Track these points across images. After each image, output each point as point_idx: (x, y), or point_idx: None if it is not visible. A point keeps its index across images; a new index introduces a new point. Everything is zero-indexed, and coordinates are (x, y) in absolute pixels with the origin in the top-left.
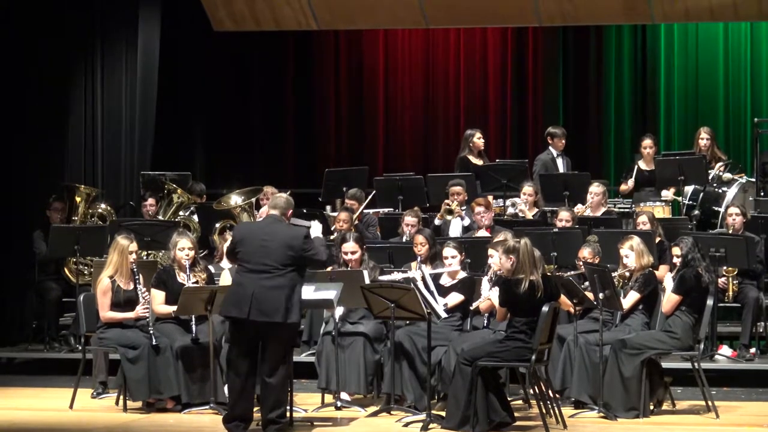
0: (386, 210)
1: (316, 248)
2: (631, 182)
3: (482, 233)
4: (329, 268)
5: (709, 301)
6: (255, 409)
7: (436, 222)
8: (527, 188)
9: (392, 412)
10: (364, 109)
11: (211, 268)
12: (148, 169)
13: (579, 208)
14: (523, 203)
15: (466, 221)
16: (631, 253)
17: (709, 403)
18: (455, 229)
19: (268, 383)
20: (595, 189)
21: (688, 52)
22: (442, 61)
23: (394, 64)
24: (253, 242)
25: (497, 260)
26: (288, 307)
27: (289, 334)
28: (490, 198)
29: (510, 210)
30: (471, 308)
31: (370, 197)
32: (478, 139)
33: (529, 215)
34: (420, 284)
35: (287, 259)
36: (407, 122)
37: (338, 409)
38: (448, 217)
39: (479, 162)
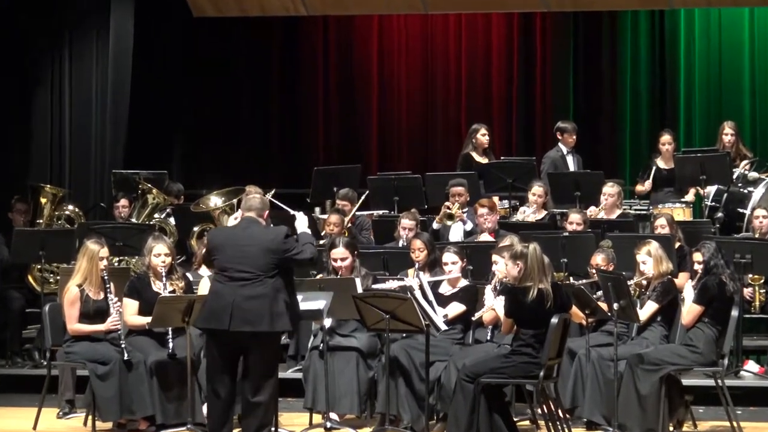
0: (381, 212)
1: (298, 246)
2: (648, 183)
3: (485, 237)
4: (318, 276)
5: (734, 312)
6: (236, 431)
7: (435, 226)
8: (535, 188)
9: None
10: (357, 102)
11: (189, 275)
12: (120, 168)
13: (592, 211)
14: (532, 205)
15: (469, 225)
16: (649, 260)
17: (734, 423)
18: (456, 233)
19: (252, 403)
20: (609, 189)
21: (710, 40)
22: (441, 50)
23: (389, 54)
24: (231, 248)
25: (502, 267)
26: (274, 314)
27: (275, 345)
28: (495, 199)
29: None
30: (473, 320)
31: (363, 198)
32: (482, 136)
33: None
34: (417, 293)
35: (269, 264)
36: (403, 116)
37: (328, 430)
38: (449, 222)
39: (484, 160)
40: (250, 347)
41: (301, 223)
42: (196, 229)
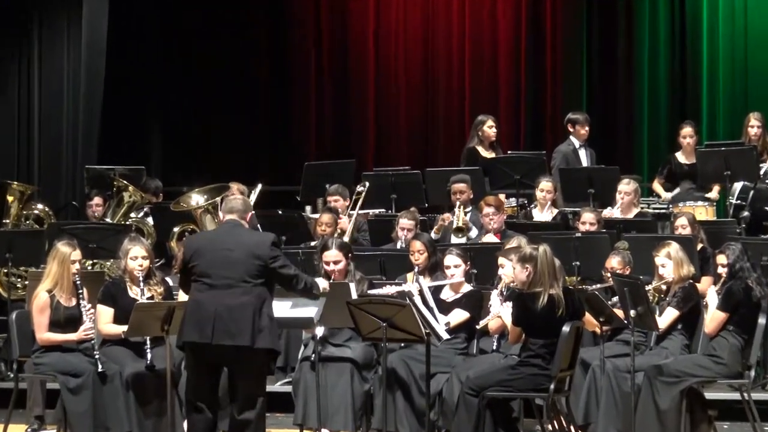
0: (377, 211)
1: (285, 260)
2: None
3: (490, 238)
4: None
5: (761, 320)
6: None
7: (433, 236)
8: (543, 184)
9: None
10: (351, 91)
11: (168, 280)
12: (93, 163)
13: (607, 212)
14: (540, 203)
15: (474, 232)
16: (669, 263)
17: None
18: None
19: (239, 420)
20: (625, 187)
21: (735, 23)
22: (443, 33)
23: (386, 37)
24: (212, 253)
25: (510, 270)
26: (256, 329)
27: (260, 360)
28: (502, 197)
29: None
30: (478, 328)
31: (363, 194)
32: (489, 128)
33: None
34: (417, 299)
35: (254, 271)
36: (402, 107)
37: None
38: (459, 235)
39: (490, 154)
40: (234, 363)
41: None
42: (176, 229)
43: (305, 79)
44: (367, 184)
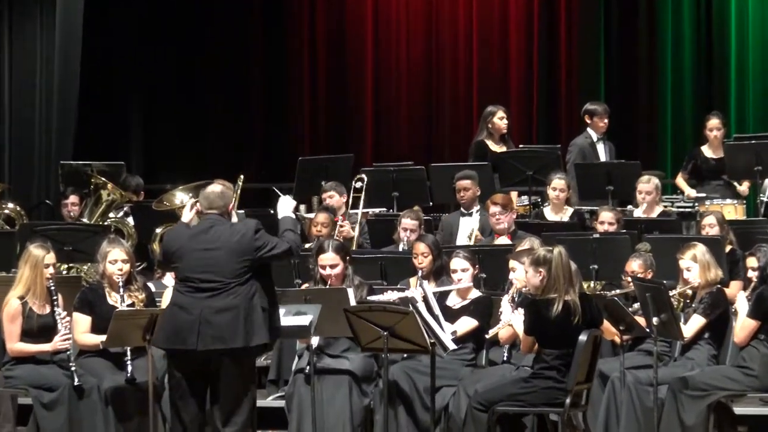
0: (377, 210)
1: (272, 240)
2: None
3: (504, 240)
4: (304, 286)
5: None
6: None
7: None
8: (555, 182)
9: None
10: (349, 81)
11: (151, 285)
12: (69, 158)
13: (629, 211)
14: (552, 203)
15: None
16: (695, 266)
17: None
18: (467, 231)
19: None
20: (645, 186)
21: (765, 5)
22: (448, 16)
23: (386, 20)
24: (193, 253)
25: (522, 275)
26: (249, 328)
27: (250, 365)
28: (514, 195)
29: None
30: (487, 337)
31: (363, 190)
32: (500, 120)
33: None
34: (421, 306)
35: (240, 268)
36: (404, 96)
37: None
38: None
39: (501, 148)
40: (220, 369)
41: (284, 206)
42: (158, 230)
43: (298, 67)
44: (365, 178)
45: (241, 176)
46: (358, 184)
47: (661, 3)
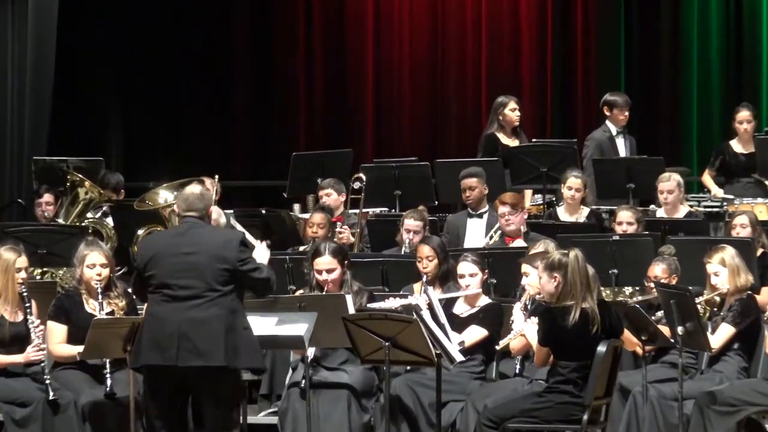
0: (378, 210)
1: (254, 261)
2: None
3: (519, 243)
4: (298, 292)
5: None
6: None
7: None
8: (571, 180)
9: None
10: (348, 70)
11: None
12: (43, 154)
13: (650, 212)
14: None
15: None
16: (723, 270)
17: None
18: (475, 233)
19: None
20: (666, 184)
21: None
22: (455, 7)
23: (388, 12)
24: (170, 258)
25: (535, 280)
26: (230, 347)
27: (235, 382)
28: (528, 193)
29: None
30: (497, 348)
31: (363, 192)
32: (511, 111)
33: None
34: (426, 314)
35: (222, 276)
36: (406, 85)
37: None
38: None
39: (513, 142)
40: (201, 387)
41: (259, 252)
42: (140, 232)
43: (293, 55)
44: (364, 177)
45: (216, 176)
46: (357, 185)
47: None
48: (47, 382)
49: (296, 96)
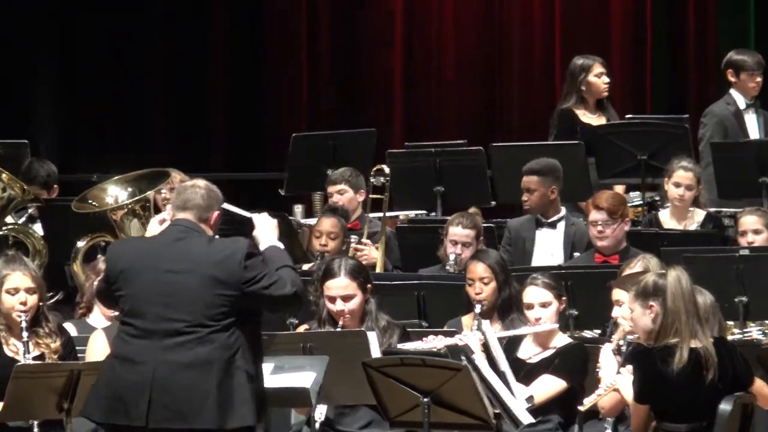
0: (412, 214)
1: (269, 275)
2: None
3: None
4: (302, 328)
5: None
6: None
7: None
8: (681, 174)
9: None
10: (367, 18)
11: (70, 327)
12: None
13: None
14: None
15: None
16: None
17: None
18: (548, 246)
19: None
20: None
21: None
22: None
23: None
24: (147, 275)
25: (628, 311)
26: (224, 401)
27: None
28: (619, 189)
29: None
30: (581, 409)
31: (386, 190)
32: (597, 77)
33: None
34: (480, 359)
35: (217, 306)
36: (449, 41)
37: None
38: None
39: (598, 120)
40: None
41: (262, 229)
42: (80, 244)
43: (293, 9)
44: (387, 171)
45: (173, 173)
46: (380, 179)
47: None
48: None
49: (295, 61)
